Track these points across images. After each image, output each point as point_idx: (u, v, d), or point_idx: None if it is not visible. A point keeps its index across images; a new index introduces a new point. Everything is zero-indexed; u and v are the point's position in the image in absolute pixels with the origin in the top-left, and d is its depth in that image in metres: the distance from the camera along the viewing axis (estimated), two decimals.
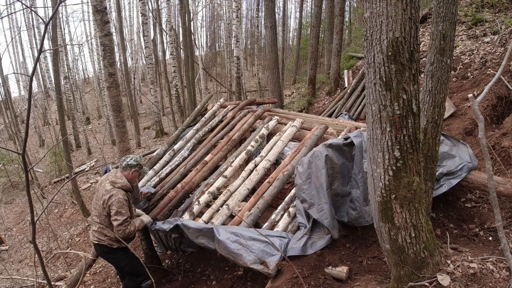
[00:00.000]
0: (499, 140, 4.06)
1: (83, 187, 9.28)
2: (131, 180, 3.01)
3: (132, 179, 3.02)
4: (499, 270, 2.03)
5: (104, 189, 2.89)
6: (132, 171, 3.00)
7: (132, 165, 3.00)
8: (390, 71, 1.65)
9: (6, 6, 14.17)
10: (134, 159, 3.03)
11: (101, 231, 2.94)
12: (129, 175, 2.98)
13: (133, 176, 3.02)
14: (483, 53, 5.60)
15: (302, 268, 2.58)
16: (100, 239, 2.95)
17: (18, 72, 19.50)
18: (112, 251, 3.00)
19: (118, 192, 2.84)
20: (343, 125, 4.11)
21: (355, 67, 9.49)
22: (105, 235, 2.94)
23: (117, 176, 2.94)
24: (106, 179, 2.98)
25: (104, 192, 2.87)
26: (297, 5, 24.81)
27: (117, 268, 3.27)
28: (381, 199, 1.90)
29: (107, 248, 2.98)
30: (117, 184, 2.88)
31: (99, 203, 2.89)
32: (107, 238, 2.94)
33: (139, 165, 3.03)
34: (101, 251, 3.05)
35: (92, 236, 3.05)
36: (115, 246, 2.96)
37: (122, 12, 14.36)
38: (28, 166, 1.75)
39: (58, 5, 1.73)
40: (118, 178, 2.93)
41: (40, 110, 18.61)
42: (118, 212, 2.79)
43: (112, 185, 2.88)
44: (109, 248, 2.97)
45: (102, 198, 2.86)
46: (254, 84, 18.93)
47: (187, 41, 10.93)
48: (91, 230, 3.07)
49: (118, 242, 2.94)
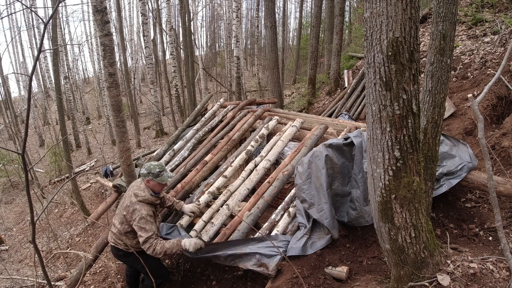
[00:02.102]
0: (499, 140, 4.05)
1: (83, 187, 9.27)
2: (154, 189, 2.78)
3: (154, 188, 2.78)
4: (499, 270, 2.03)
5: (130, 199, 2.71)
6: (146, 180, 2.77)
7: (143, 174, 2.78)
8: (390, 71, 1.65)
9: (6, 6, 14.16)
10: (146, 167, 2.78)
11: (118, 236, 2.83)
12: (148, 184, 2.77)
13: (153, 186, 2.78)
14: (483, 53, 5.59)
15: (302, 268, 2.58)
16: (117, 242, 2.86)
17: (18, 72, 19.49)
18: (127, 254, 2.87)
19: (142, 208, 2.65)
20: (343, 125, 4.11)
21: (355, 67, 9.49)
22: (122, 240, 2.82)
23: (140, 187, 2.75)
24: (133, 185, 2.81)
25: (129, 203, 2.70)
26: (297, 5, 24.81)
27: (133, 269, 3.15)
28: (381, 199, 1.90)
29: (122, 252, 2.87)
30: (138, 197, 2.69)
31: (123, 213, 2.74)
32: (123, 244, 2.83)
33: (151, 173, 2.75)
34: (117, 254, 2.97)
35: (109, 237, 2.96)
36: (131, 250, 2.77)
37: (122, 12, 14.35)
38: (28, 166, 1.75)
39: (58, 5, 1.73)
40: (141, 190, 2.73)
41: (40, 110, 18.61)
42: (142, 229, 2.61)
43: (135, 197, 2.70)
44: (124, 252, 2.86)
45: (126, 208, 2.71)
46: (254, 84, 18.93)
47: (187, 41, 10.92)
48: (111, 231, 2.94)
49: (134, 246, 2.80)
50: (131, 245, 2.78)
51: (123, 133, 2.98)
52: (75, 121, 14.07)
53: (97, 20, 2.65)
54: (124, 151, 3.03)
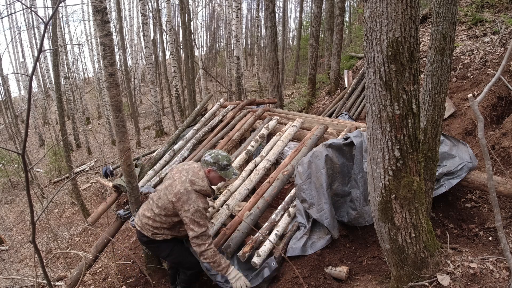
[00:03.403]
0: (499, 140, 4.05)
1: (83, 187, 9.28)
2: (212, 182, 2.51)
3: (212, 180, 2.51)
4: (499, 270, 2.03)
5: (184, 186, 2.37)
6: (208, 169, 2.47)
7: (208, 162, 2.47)
8: (390, 71, 1.65)
9: (6, 6, 14.16)
10: (212, 156, 2.48)
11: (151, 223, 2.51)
12: (208, 174, 2.48)
13: (212, 177, 2.50)
14: (483, 53, 5.59)
15: (302, 268, 2.58)
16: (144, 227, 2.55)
17: (18, 72, 19.49)
18: (152, 241, 2.59)
19: (198, 199, 2.35)
20: (343, 125, 4.11)
21: (355, 67, 9.49)
22: (152, 226, 2.53)
23: (198, 175, 2.44)
24: (187, 169, 2.47)
25: (182, 189, 2.36)
26: (297, 5, 24.82)
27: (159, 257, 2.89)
28: (381, 199, 1.90)
29: (147, 238, 2.58)
30: (195, 186, 2.39)
31: (169, 197, 2.39)
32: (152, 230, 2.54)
33: (217, 164, 2.45)
34: (141, 239, 2.68)
35: (137, 219, 2.64)
36: (159, 238, 2.54)
37: (122, 12, 14.35)
38: (28, 166, 1.75)
39: (58, 5, 1.73)
40: (199, 178, 2.43)
41: (40, 110, 18.60)
42: (195, 222, 2.31)
43: (191, 185, 2.38)
44: (150, 239, 2.57)
45: (176, 194, 2.36)
46: (254, 84, 18.93)
47: (187, 41, 10.93)
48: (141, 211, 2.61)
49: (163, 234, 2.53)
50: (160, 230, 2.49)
51: (123, 133, 2.98)
52: (75, 121, 14.07)
53: (97, 20, 2.65)
54: (124, 151, 3.02)
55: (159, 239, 2.55)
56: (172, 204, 2.38)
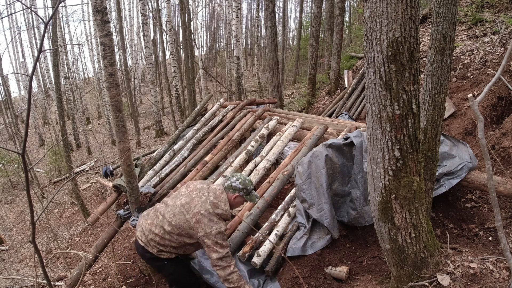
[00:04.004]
0: (499, 140, 4.05)
1: (83, 187, 9.27)
2: (233, 206, 2.44)
3: (235, 205, 2.45)
4: (499, 270, 2.03)
5: (204, 207, 2.27)
6: (235, 195, 2.39)
7: (236, 188, 2.39)
8: (390, 71, 1.65)
9: (6, 6, 14.16)
10: (241, 181, 2.40)
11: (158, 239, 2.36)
12: (231, 200, 2.39)
13: (236, 202, 2.43)
14: (483, 53, 5.60)
15: (302, 268, 2.58)
16: (149, 243, 2.40)
17: (18, 72, 19.49)
18: (156, 259, 2.46)
19: (219, 222, 2.27)
20: (343, 125, 4.11)
21: (355, 67, 9.49)
22: (159, 243, 2.38)
23: (221, 198, 2.35)
24: (207, 190, 2.39)
25: (203, 211, 2.26)
26: (297, 5, 24.83)
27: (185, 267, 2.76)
28: (381, 199, 1.90)
29: (151, 255, 2.45)
30: (217, 209, 2.29)
31: (187, 217, 2.28)
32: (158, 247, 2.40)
33: (246, 190, 2.39)
34: (143, 254, 2.50)
35: (141, 233, 2.47)
36: (163, 256, 2.43)
37: (122, 12, 14.35)
38: (28, 166, 1.75)
39: (58, 5, 1.73)
40: (222, 202, 2.34)
41: (40, 110, 18.60)
42: (218, 243, 2.22)
43: (213, 207, 2.29)
44: (154, 256, 2.44)
45: (196, 215, 2.26)
46: (254, 84, 18.93)
47: (187, 41, 10.93)
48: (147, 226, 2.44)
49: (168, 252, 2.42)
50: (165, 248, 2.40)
51: (123, 133, 2.98)
52: (75, 121, 14.07)
53: (97, 20, 2.65)
54: (124, 151, 3.02)
55: (163, 257, 2.44)
56: (189, 224, 2.28)
